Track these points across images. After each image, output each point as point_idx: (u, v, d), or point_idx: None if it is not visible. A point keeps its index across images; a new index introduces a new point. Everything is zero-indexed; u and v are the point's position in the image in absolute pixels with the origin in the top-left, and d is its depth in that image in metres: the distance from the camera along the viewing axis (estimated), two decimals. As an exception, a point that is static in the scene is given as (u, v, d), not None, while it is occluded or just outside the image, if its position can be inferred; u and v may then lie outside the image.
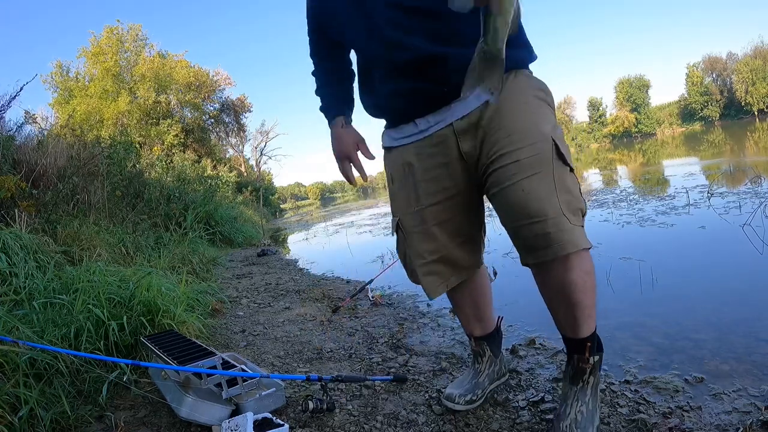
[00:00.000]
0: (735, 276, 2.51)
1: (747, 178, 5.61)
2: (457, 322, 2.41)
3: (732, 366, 1.55)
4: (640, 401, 1.40)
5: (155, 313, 2.27)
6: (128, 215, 5.05)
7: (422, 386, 1.70)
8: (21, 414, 1.45)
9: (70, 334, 1.94)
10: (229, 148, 27.55)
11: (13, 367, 1.60)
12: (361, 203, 23.66)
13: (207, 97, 22.01)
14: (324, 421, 1.51)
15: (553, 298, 1.21)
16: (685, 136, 33.62)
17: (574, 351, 1.24)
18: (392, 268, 3.75)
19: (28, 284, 2.33)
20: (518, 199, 1.10)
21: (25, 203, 3.42)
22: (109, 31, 19.28)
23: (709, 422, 1.25)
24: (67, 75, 19.33)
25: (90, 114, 16.76)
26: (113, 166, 5.53)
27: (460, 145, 1.21)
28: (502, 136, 1.14)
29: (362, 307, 2.97)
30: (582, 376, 1.24)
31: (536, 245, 1.11)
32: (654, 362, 1.66)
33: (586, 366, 1.23)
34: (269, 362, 2.15)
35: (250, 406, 1.52)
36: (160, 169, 8.61)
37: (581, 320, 1.19)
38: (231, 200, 12.42)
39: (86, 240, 3.52)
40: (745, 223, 3.30)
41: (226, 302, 3.47)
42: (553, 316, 1.25)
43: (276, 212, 24.81)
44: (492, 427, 1.37)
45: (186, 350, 1.72)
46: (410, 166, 1.30)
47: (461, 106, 1.19)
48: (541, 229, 1.08)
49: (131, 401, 1.76)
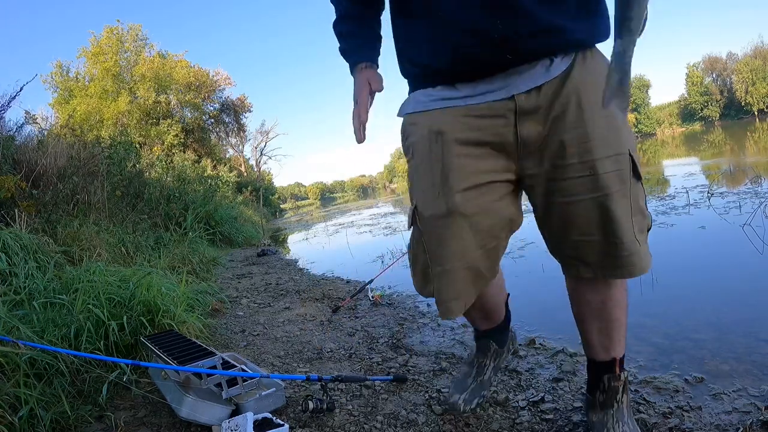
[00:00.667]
0: (735, 276, 2.51)
1: (747, 178, 5.61)
2: (458, 322, 2.41)
3: (732, 366, 1.55)
4: (640, 401, 1.40)
5: (155, 313, 2.27)
6: (128, 215, 5.05)
7: (422, 386, 1.70)
8: (21, 414, 1.45)
9: (70, 334, 1.94)
10: (229, 148, 27.55)
11: (13, 367, 1.60)
12: (361, 203, 23.67)
13: (207, 97, 21.99)
14: (324, 421, 1.51)
15: (591, 315, 1.13)
16: (685, 136, 33.62)
17: (604, 372, 1.16)
18: (392, 268, 3.75)
19: (28, 284, 2.33)
20: (591, 216, 0.98)
21: (25, 203, 3.42)
22: (109, 31, 19.26)
23: (709, 422, 1.25)
24: (67, 75, 19.32)
25: (90, 114, 16.75)
26: (113, 166, 5.53)
27: (519, 128, 0.99)
28: (580, 138, 0.96)
29: (362, 307, 2.97)
30: (615, 396, 1.15)
31: (602, 264, 1.02)
32: (654, 362, 1.66)
33: (618, 384, 1.15)
34: (269, 362, 2.15)
35: (250, 406, 1.52)
36: (160, 169, 8.60)
37: (617, 338, 1.13)
38: (231, 200, 12.41)
39: (86, 240, 3.52)
40: (745, 223, 3.30)
41: (226, 302, 3.47)
42: (584, 336, 1.18)
43: (276, 212, 24.80)
44: (492, 427, 1.37)
45: (186, 350, 1.72)
46: (440, 134, 1.03)
47: (526, 77, 0.96)
48: (612, 251, 0.99)
49: (131, 401, 1.76)
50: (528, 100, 0.97)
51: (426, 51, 1.02)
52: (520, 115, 0.98)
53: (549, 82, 0.96)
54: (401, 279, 3.58)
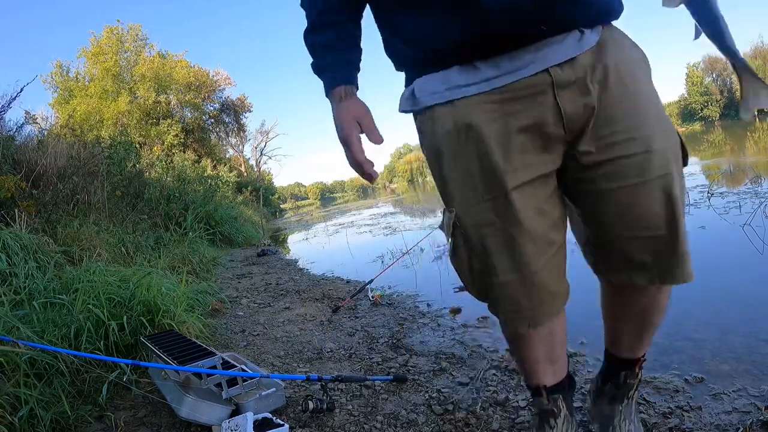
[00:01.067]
0: (735, 276, 2.51)
1: (747, 178, 5.61)
2: (458, 322, 2.40)
3: (732, 366, 1.55)
4: (640, 401, 1.40)
5: (155, 313, 2.27)
6: (128, 215, 5.05)
7: (422, 386, 1.70)
8: (21, 414, 1.46)
9: (70, 334, 1.94)
10: (229, 148, 27.56)
11: (13, 367, 1.60)
12: (361, 203, 23.68)
13: (207, 97, 22.01)
14: (324, 421, 1.51)
15: (628, 317, 1.04)
16: (686, 136, 32.99)
17: (623, 368, 1.11)
18: (392, 268, 3.75)
19: (28, 284, 2.33)
20: (653, 204, 0.85)
21: (25, 203, 3.42)
22: (109, 31, 19.27)
23: (709, 422, 1.25)
24: (67, 75, 19.33)
25: (90, 114, 16.76)
26: (113, 166, 5.54)
27: (560, 103, 0.84)
28: (628, 112, 0.85)
29: (362, 307, 2.97)
30: (628, 392, 1.12)
31: (661, 266, 0.88)
32: (654, 362, 1.66)
33: (634, 381, 1.11)
34: (269, 362, 2.15)
35: (250, 406, 1.52)
36: (160, 169, 8.61)
37: (647, 340, 1.07)
38: (231, 200, 12.42)
39: (86, 240, 3.52)
40: (746, 223, 3.30)
41: (226, 302, 3.47)
42: (613, 333, 1.10)
43: (276, 212, 24.81)
44: (492, 427, 1.37)
45: (186, 350, 1.72)
46: (470, 128, 0.87)
47: (559, 49, 0.84)
48: (674, 249, 0.87)
49: (131, 401, 1.76)
50: (564, 73, 0.84)
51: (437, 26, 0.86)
52: (558, 89, 0.84)
53: (583, 54, 0.85)
54: (401, 279, 3.59)
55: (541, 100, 0.85)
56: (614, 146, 0.85)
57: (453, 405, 1.52)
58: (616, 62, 0.86)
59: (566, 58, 0.84)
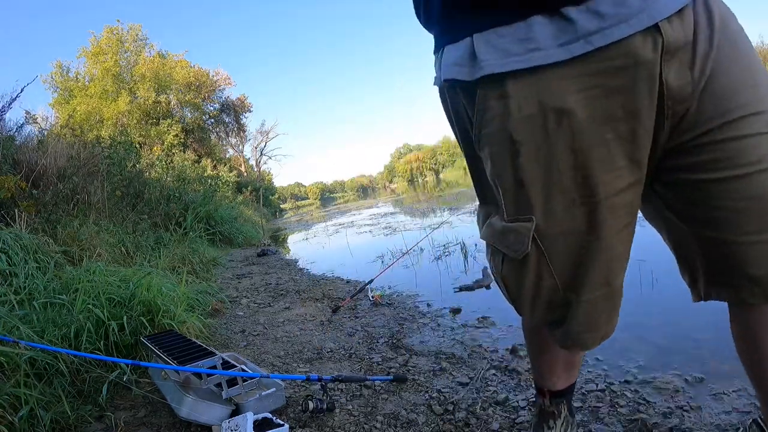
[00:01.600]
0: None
1: None
2: (458, 322, 2.40)
3: (732, 366, 1.54)
4: (640, 401, 1.40)
5: (155, 313, 2.27)
6: (128, 215, 5.05)
7: (422, 386, 1.70)
8: (21, 414, 1.45)
9: (70, 334, 1.94)
10: (229, 148, 27.56)
11: (13, 367, 1.60)
12: (361, 203, 23.68)
13: (207, 97, 22.02)
14: (324, 421, 1.51)
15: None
16: None
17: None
18: (392, 268, 3.75)
19: (28, 284, 2.33)
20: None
21: (25, 203, 3.42)
22: (109, 32, 19.27)
23: (709, 422, 1.25)
24: (67, 75, 19.33)
25: (90, 114, 16.77)
26: (113, 166, 5.54)
27: (665, 74, 0.64)
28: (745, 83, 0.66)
29: (362, 307, 2.97)
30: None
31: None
32: (654, 362, 1.66)
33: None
34: (269, 362, 2.15)
35: (250, 406, 1.52)
36: (160, 169, 8.61)
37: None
38: (231, 200, 12.42)
39: (86, 240, 3.52)
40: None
41: (226, 302, 3.47)
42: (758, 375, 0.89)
43: (276, 212, 24.81)
44: (492, 427, 1.37)
45: (186, 350, 1.73)
46: (565, 115, 0.66)
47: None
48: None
49: (131, 401, 1.76)
50: (674, 31, 0.63)
51: None
52: (665, 55, 0.63)
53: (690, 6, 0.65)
54: (401, 279, 3.59)
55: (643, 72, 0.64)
56: (727, 126, 0.66)
57: (453, 405, 1.52)
58: (725, 22, 0.67)
59: (676, 8, 0.63)
